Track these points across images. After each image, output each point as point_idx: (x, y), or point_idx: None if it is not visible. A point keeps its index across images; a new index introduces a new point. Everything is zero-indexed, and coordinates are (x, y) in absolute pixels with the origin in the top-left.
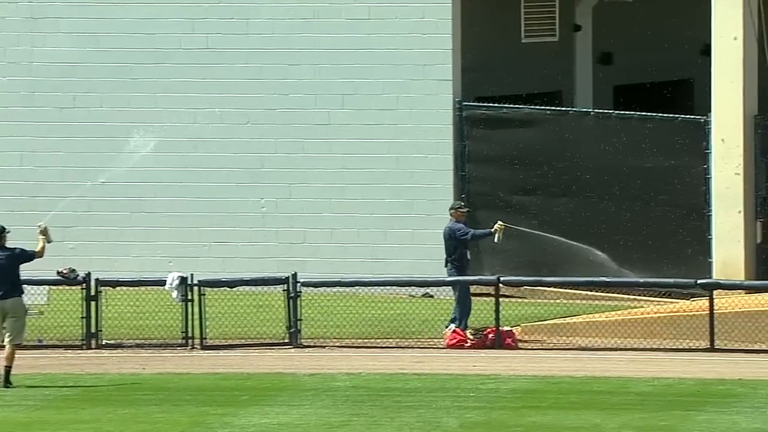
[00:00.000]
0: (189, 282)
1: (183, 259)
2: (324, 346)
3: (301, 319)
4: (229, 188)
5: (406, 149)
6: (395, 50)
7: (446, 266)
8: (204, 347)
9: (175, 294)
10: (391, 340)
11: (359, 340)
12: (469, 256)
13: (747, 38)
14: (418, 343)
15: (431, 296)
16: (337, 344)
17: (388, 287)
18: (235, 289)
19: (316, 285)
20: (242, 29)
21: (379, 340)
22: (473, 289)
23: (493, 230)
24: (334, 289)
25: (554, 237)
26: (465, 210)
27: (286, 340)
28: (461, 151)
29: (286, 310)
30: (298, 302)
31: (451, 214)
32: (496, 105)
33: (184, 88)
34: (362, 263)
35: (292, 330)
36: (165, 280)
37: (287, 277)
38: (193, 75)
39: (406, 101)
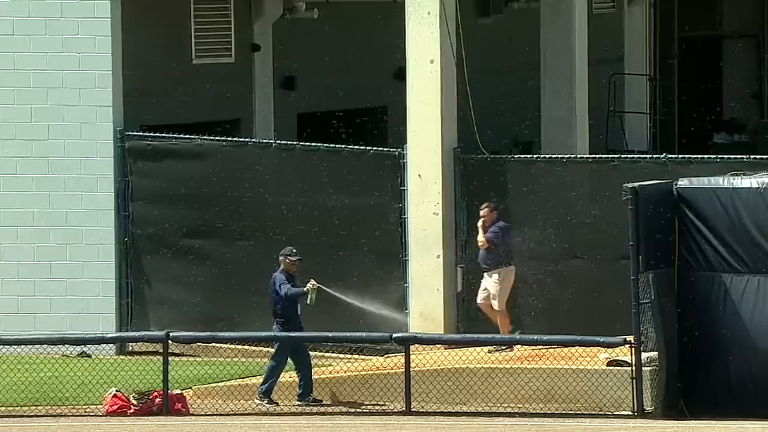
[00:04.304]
0: None
1: None
2: None
3: None
4: None
5: (59, 185)
6: (45, 71)
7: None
8: None
9: None
10: (40, 407)
11: (3, 408)
12: (300, 312)
13: (445, 61)
14: (73, 411)
15: (88, 355)
16: None
17: (37, 345)
18: None
19: None
20: None
21: (26, 408)
22: (137, 347)
23: (305, 290)
24: None
25: (364, 306)
26: (295, 259)
27: None
28: (123, 188)
29: None
30: None
31: (280, 261)
32: (163, 135)
33: None
34: (6, 318)
35: None
36: None
37: None
38: None
39: (58, 130)
